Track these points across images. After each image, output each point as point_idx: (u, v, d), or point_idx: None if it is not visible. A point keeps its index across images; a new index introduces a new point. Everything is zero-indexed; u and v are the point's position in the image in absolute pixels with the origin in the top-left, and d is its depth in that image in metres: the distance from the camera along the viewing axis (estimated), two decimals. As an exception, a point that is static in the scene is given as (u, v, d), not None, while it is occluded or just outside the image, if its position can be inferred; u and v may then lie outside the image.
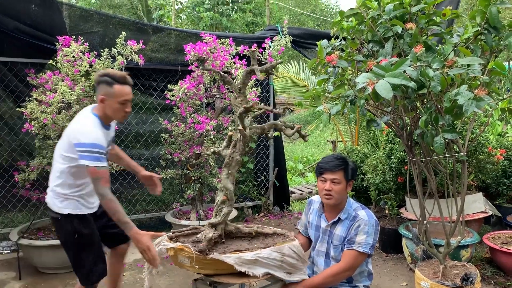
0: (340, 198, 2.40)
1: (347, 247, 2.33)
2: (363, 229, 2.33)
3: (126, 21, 4.86)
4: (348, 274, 2.34)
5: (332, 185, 2.37)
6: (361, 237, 2.31)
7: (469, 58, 2.25)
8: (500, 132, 5.49)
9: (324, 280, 2.31)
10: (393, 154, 4.38)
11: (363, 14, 2.71)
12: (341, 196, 2.39)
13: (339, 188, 2.37)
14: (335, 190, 2.37)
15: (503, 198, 4.76)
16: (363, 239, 2.31)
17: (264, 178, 5.97)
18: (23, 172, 3.84)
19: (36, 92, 3.71)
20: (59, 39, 3.78)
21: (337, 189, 2.37)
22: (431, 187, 2.96)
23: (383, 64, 2.24)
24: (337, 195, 2.37)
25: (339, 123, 6.95)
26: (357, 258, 2.31)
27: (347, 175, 2.39)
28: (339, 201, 2.41)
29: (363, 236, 2.31)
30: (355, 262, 2.31)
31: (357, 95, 2.57)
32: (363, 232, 2.32)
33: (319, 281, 2.30)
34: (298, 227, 2.74)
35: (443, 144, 2.39)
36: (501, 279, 3.66)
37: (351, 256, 2.31)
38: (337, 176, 2.37)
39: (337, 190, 2.37)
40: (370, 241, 2.32)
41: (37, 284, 3.72)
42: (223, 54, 4.19)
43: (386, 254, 4.39)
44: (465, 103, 2.16)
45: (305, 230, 2.67)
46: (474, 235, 3.71)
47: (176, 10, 16.35)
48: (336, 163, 2.40)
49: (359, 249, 2.30)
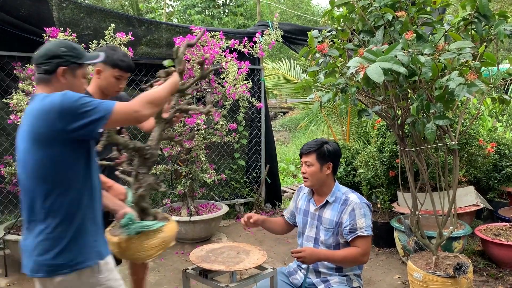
0: (316, 180, 2.39)
1: (352, 236, 2.31)
2: (359, 213, 2.32)
3: (116, 14, 4.81)
4: (363, 260, 2.32)
5: (306, 168, 2.39)
6: (361, 222, 2.31)
7: (460, 42, 2.24)
8: (491, 127, 5.51)
9: (339, 258, 2.29)
10: (385, 147, 4.37)
11: (353, 3, 2.70)
12: (316, 178, 2.38)
13: (311, 170, 2.37)
14: (308, 173, 2.38)
15: (494, 192, 4.77)
16: (364, 223, 2.30)
17: (255, 175, 5.94)
18: (9, 166, 3.77)
19: (23, 84, 3.64)
20: (47, 30, 3.71)
21: (310, 171, 2.37)
22: (423, 178, 2.95)
23: (374, 49, 2.24)
24: (311, 177, 2.38)
25: (330, 120, 6.94)
26: (367, 242, 2.31)
27: (320, 157, 2.37)
28: (316, 183, 2.41)
29: (362, 220, 2.31)
30: (367, 247, 2.31)
31: (348, 83, 2.56)
32: (361, 216, 2.31)
33: (331, 258, 2.29)
34: (284, 213, 2.72)
35: (434, 130, 2.38)
36: (493, 271, 3.66)
37: (362, 241, 2.30)
38: (309, 159, 2.38)
39: (310, 172, 2.37)
40: (369, 223, 2.33)
41: (24, 281, 3.64)
42: (213, 47, 4.16)
43: (378, 248, 4.37)
44: (457, 88, 2.16)
45: (290, 217, 2.66)
46: (466, 227, 3.71)
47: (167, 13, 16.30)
48: (309, 146, 2.42)
49: (364, 234, 2.29)
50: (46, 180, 1.64)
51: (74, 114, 1.58)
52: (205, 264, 2.10)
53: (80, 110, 1.58)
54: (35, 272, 1.66)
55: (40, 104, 1.62)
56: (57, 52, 1.72)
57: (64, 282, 1.65)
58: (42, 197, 1.64)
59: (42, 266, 1.65)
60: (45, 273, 1.65)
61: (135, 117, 1.69)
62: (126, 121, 1.74)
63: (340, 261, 2.31)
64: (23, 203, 1.72)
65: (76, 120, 1.58)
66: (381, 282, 3.61)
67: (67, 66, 1.72)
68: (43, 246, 1.64)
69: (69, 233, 1.65)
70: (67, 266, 1.64)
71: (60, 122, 1.58)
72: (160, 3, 16.81)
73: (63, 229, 1.65)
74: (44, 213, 1.64)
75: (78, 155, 1.67)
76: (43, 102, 1.62)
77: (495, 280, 3.52)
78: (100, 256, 1.72)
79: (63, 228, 1.65)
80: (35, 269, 1.66)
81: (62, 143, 1.61)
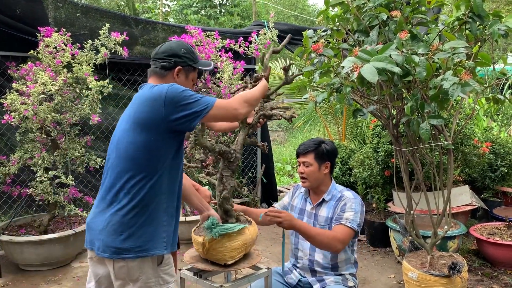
0: (314, 180, 2.39)
1: (335, 223, 2.30)
2: (350, 206, 2.31)
3: (112, 14, 4.79)
4: (336, 246, 2.22)
5: (304, 168, 2.39)
6: (348, 213, 2.29)
7: (454, 42, 2.24)
8: (486, 127, 5.53)
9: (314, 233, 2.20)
10: (380, 147, 4.38)
11: (348, 2, 2.70)
12: (314, 178, 2.39)
13: (310, 170, 2.37)
14: (306, 173, 2.38)
15: (489, 192, 4.79)
16: (351, 215, 2.28)
17: (251, 175, 5.93)
18: (3, 167, 3.75)
19: (17, 84, 3.62)
20: (41, 29, 3.70)
21: (308, 171, 2.37)
22: (418, 177, 2.95)
23: (368, 49, 2.24)
24: (309, 177, 2.38)
25: (326, 120, 6.95)
26: (347, 232, 2.26)
27: (318, 156, 2.37)
28: (315, 183, 2.40)
29: (350, 213, 2.29)
30: (345, 237, 2.25)
31: (343, 83, 2.56)
32: (351, 209, 2.30)
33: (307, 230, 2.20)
34: (275, 205, 2.69)
35: (429, 130, 2.39)
36: (488, 270, 3.67)
37: (340, 229, 2.26)
38: (307, 159, 2.38)
39: (308, 172, 2.37)
40: (357, 219, 2.29)
41: (18, 282, 3.62)
42: (208, 47, 4.15)
43: (374, 248, 4.38)
44: (451, 88, 2.16)
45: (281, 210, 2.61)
46: (461, 226, 3.72)
47: (163, 13, 16.27)
48: (306, 146, 2.41)
49: (347, 224, 2.26)
50: (135, 163, 1.71)
51: (178, 104, 1.68)
52: (200, 264, 2.09)
53: (184, 101, 1.69)
54: (101, 252, 1.72)
55: (149, 91, 1.74)
56: (178, 52, 1.86)
57: (123, 268, 1.70)
58: (125, 178, 1.72)
59: (109, 247, 1.70)
60: (111, 254, 1.70)
61: (234, 114, 1.81)
62: (224, 117, 1.85)
63: (313, 235, 2.20)
64: (104, 181, 1.80)
65: (179, 110, 1.68)
66: (376, 281, 3.62)
67: (183, 67, 1.87)
68: (114, 227, 1.70)
69: (141, 218, 1.70)
70: (132, 251, 1.69)
71: (164, 110, 1.68)
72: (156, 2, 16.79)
73: (137, 213, 1.70)
74: (124, 194, 1.71)
75: (171, 146, 1.75)
76: (152, 90, 1.73)
77: (490, 279, 3.53)
78: (166, 248, 1.76)
79: (136, 212, 1.70)
80: (102, 249, 1.72)
81: (160, 130, 1.70)
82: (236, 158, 2.02)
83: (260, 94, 2.00)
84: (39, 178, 3.62)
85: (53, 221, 4.06)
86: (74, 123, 3.85)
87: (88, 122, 3.76)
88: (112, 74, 4.59)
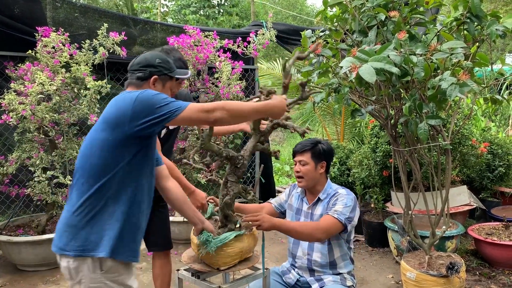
0: (310, 179, 2.39)
1: (324, 215, 2.31)
2: (341, 200, 2.31)
3: (110, 13, 4.79)
4: (319, 235, 2.21)
5: (301, 166, 2.39)
6: (338, 206, 2.29)
7: (452, 42, 2.25)
8: (484, 127, 5.54)
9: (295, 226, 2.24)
10: (378, 147, 4.38)
11: (346, 3, 2.70)
12: (311, 177, 2.39)
13: (306, 169, 2.37)
14: (303, 172, 2.38)
15: (487, 192, 4.80)
16: (340, 208, 2.28)
17: (250, 175, 5.93)
18: (1, 167, 3.74)
19: (15, 84, 3.62)
20: (39, 29, 3.69)
21: (305, 170, 2.37)
22: (416, 177, 2.96)
23: (367, 49, 2.24)
24: (306, 177, 2.38)
25: (325, 120, 6.95)
26: (332, 223, 2.24)
27: (315, 156, 2.38)
28: (311, 183, 2.40)
29: (340, 205, 2.29)
30: (330, 227, 2.23)
31: (341, 83, 2.57)
32: (341, 203, 2.30)
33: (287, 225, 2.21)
34: (271, 201, 2.67)
35: (427, 130, 2.39)
36: (486, 270, 3.68)
37: (325, 219, 2.26)
38: (304, 158, 2.38)
39: (305, 171, 2.37)
40: (346, 213, 2.26)
41: (16, 282, 3.62)
42: (207, 47, 4.15)
43: (372, 248, 4.38)
44: (449, 88, 2.16)
45: (278, 206, 2.62)
46: (459, 226, 3.73)
47: (162, 13, 16.25)
48: (303, 145, 2.41)
49: (333, 215, 2.25)
50: (87, 161, 1.73)
51: (147, 106, 1.66)
52: (197, 265, 2.09)
53: (155, 105, 1.66)
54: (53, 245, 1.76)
55: (123, 95, 1.76)
56: (153, 62, 1.90)
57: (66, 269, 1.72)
58: (77, 176, 1.74)
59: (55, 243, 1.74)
60: (57, 249, 1.73)
61: (206, 117, 1.71)
62: (198, 121, 1.77)
63: (295, 228, 2.22)
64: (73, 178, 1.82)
65: (146, 112, 1.66)
66: (374, 281, 3.62)
67: (159, 76, 1.89)
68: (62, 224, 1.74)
69: (85, 219, 1.70)
70: (72, 250, 1.69)
71: (132, 112, 1.67)
72: (155, 2, 16.76)
73: (81, 212, 1.70)
74: (75, 191, 1.74)
75: (127, 151, 1.73)
76: (125, 93, 1.76)
77: (488, 279, 3.54)
78: (105, 252, 1.69)
79: (81, 211, 1.70)
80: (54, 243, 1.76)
81: (121, 132, 1.69)
82: (243, 165, 2.01)
83: (251, 111, 1.81)
84: (37, 178, 3.61)
85: (51, 221, 4.05)
86: (72, 123, 3.84)
87: (86, 122, 3.75)
88: (110, 74, 4.58)
